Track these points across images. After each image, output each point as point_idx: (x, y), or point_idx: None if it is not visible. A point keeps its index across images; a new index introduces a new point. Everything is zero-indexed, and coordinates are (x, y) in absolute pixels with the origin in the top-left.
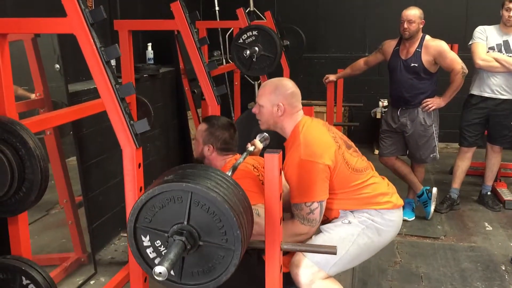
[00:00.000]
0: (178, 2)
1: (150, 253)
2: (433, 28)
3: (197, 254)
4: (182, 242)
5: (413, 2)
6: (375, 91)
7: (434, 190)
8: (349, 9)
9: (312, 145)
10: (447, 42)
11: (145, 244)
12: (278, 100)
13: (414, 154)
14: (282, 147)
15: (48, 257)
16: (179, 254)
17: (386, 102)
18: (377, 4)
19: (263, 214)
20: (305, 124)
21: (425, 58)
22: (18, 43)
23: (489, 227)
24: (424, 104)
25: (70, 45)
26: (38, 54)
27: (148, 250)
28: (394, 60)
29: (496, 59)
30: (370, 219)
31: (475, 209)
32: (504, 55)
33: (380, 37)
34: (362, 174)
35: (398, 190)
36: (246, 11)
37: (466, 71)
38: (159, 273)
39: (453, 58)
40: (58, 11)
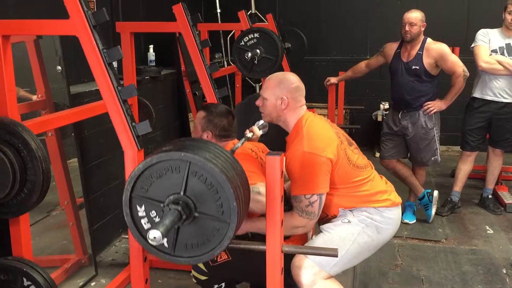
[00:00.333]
0: (180, 4)
1: (145, 223)
2: (434, 31)
3: (192, 226)
4: (178, 211)
5: (414, 5)
6: (376, 94)
7: (435, 193)
8: (350, 11)
9: (315, 138)
10: (449, 45)
11: (140, 214)
12: (282, 93)
13: (415, 157)
14: (281, 138)
15: (49, 258)
16: (174, 222)
17: (387, 105)
18: (378, 7)
19: (264, 192)
20: (308, 118)
21: (426, 60)
22: (20, 45)
23: (490, 230)
24: (425, 107)
25: (72, 46)
26: (40, 56)
27: (142, 221)
28: (395, 62)
29: (499, 62)
30: (370, 218)
31: (476, 212)
32: (507, 58)
33: (381, 39)
34: (362, 171)
35: (399, 193)
36: (248, 14)
37: (467, 74)
38: (153, 237)
39: (454, 61)
40: (61, 13)
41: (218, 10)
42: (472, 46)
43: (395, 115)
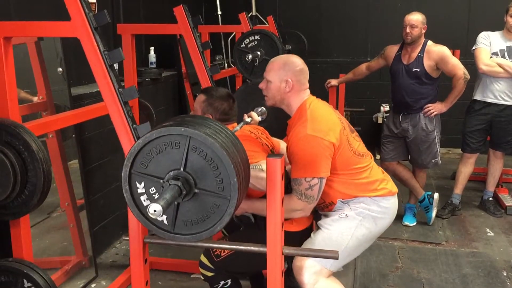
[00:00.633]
0: (181, 6)
1: (144, 200)
2: (435, 33)
3: (191, 202)
4: (178, 187)
5: (415, 8)
6: (377, 96)
7: (436, 195)
8: (351, 14)
9: (319, 121)
10: (449, 47)
11: (139, 191)
12: (287, 76)
13: (416, 159)
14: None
15: (49, 260)
16: (174, 197)
17: (387, 107)
18: (379, 9)
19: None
20: (312, 102)
21: (427, 63)
22: (21, 46)
23: (490, 233)
24: (425, 109)
25: (73, 48)
26: (41, 57)
27: (142, 198)
28: (396, 65)
29: (499, 65)
30: (366, 209)
31: (477, 214)
32: (507, 61)
33: (382, 42)
34: (362, 158)
35: (400, 195)
36: (249, 16)
37: (468, 77)
38: (154, 211)
39: (455, 63)
40: (62, 15)
41: (219, 12)
42: (473, 48)
43: (396, 118)
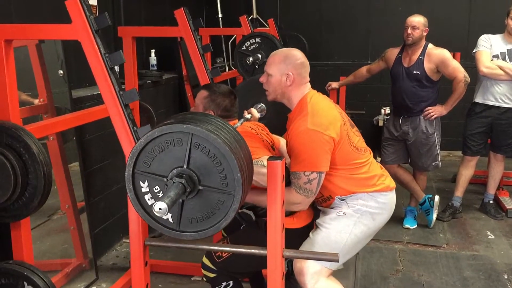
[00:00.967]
0: (182, 9)
1: (148, 199)
2: (436, 36)
3: (196, 199)
4: (182, 184)
5: (416, 11)
6: (377, 99)
7: (436, 198)
8: (352, 17)
9: (319, 116)
10: (450, 50)
11: (143, 190)
12: (288, 69)
13: (416, 162)
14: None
15: (49, 262)
16: (179, 195)
17: (388, 110)
18: (380, 12)
19: None
20: (313, 96)
21: (427, 66)
22: (22, 49)
23: (491, 236)
24: (426, 112)
25: (73, 51)
26: (42, 60)
27: (146, 197)
28: (396, 67)
29: (500, 67)
30: (364, 206)
31: (477, 217)
32: (508, 63)
33: (382, 45)
34: (362, 153)
35: (400, 198)
36: (249, 19)
37: (468, 80)
38: (159, 209)
39: (455, 66)
40: (63, 17)
41: (220, 15)
42: (473, 51)
43: (396, 120)
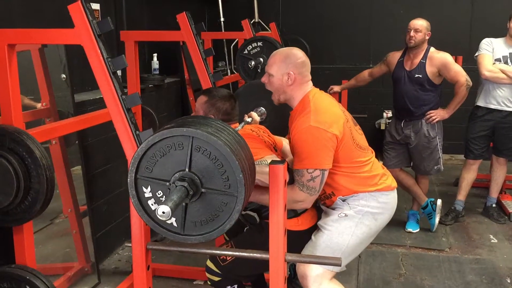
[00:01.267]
0: (184, 13)
1: (152, 204)
2: (438, 40)
3: (199, 203)
4: (184, 187)
5: (418, 15)
6: (379, 102)
7: (439, 202)
8: (353, 20)
9: (322, 113)
10: (452, 54)
11: (146, 195)
12: (288, 68)
13: (418, 166)
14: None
15: (52, 266)
16: (182, 198)
17: (390, 113)
18: (382, 16)
19: None
20: (315, 94)
21: (429, 69)
22: (25, 53)
23: (494, 240)
24: (427, 116)
25: (76, 55)
26: (45, 64)
27: (149, 202)
28: (398, 71)
29: (502, 71)
30: (366, 206)
31: (480, 221)
32: (510, 67)
33: (384, 48)
34: (364, 152)
35: (403, 201)
36: (251, 22)
37: (470, 84)
38: (162, 212)
39: (457, 70)
40: (66, 22)
41: (222, 19)
42: (476, 55)
43: (398, 124)
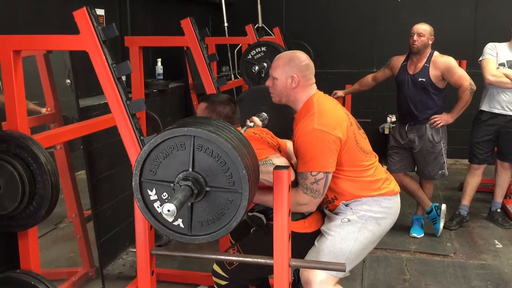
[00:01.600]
0: (188, 19)
1: (158, 207)
2: (441, 44)
3: (204, 202)
4: (188, 186)
5: (421, 19)
6: (383, 107)
7: (443, 206)
8: (357, 25)
9: (326, 116)
10: (456, 58)
11: (151, 198)
12: (292, 72)
13: (423, 171)
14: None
15: (56, 271)
16: (187, 197)
17: (394, 118)
18: (385, 21)
19: (278, 162)
20: (319, 97)
21: (433, 73)
22: (30, 58)
23: (499, 245)
24: (432, 120)
25: (81, 60)
26: (49, 70)
27: (155, 204)
28: (402, 75)
29: (506, 75)
30: (369, 211)
31: (485, 226)
32: None
33: (388, 53)
34: (367, 156)
35: (407, 206)
36: (255, 28)
37: (474, 88)
38: (168, 210)
39: (461, 74)
40: (70, 28)
41: (226, 24)
42: (479, 59)
43: (402, 128)
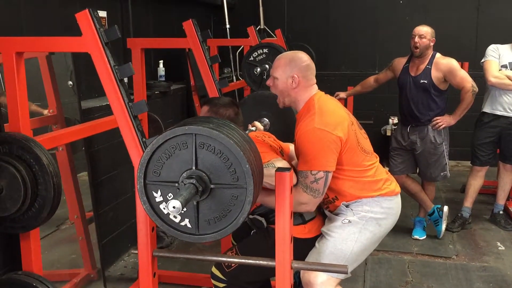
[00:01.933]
0: (190, 20)
1: (164, 208)
2: (443, 46)
3: (210, 200)
4: (193, 184)
5: (423, 21)
6: (385, 109)
7: (445, 208)
8: (359, 27)
9: (327, 115)
10: (458, 60)
11: (157, 200)
12: (293, 72)
13: (425, 172)
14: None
15: (58, 272)
16: (192, 194)
17: (396, 120)
18: (387, 22)
19: (281, 165)
20: (320, 97)
21: (434, 74)
22: (32, 60)
23: (501, 247)
24: (434, 122)
25: (83, 62)
26: (52, 71)
27: (161, 206)
28: (403, 77)
29: (508, 77)
30: (369, 212)
31: (487, 228)
32: None
33: (390, 55)
34: (369, 156)
35: (409, 208)
36: (257, 29)
37: (476, 90)
38: (173, 207)
39: (463, 76)
40: (72, 29)
41: (228, 26)
42: (482, 61)
43: (404, 130)
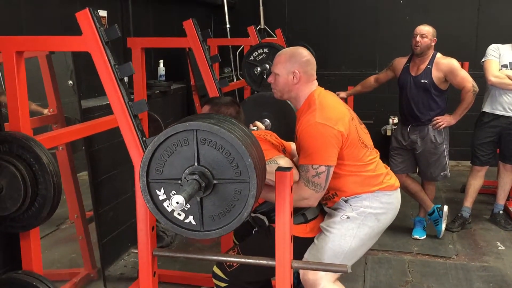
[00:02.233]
0: (191, 20)
1: (167, 206)
2: (444, 46)
3: (213, 196)
4: (196, 180)
5: (423, 21)
6: (386, 108)
7: (445, 208)
8: (359, 27)
9: (328, 110)
10: (458, 60)
11: (161, 198)
12: (294, 67)
13: (425, 172)
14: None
15: (58, 272)
16: (195, 190)
17: (396, 119)
18: (387, 22)
19: (283, 162)
20: (321, 92)
21: (435, 74)
22: (32, 59)
23: (501, 247)
24: (434, 122)
25: (83, 61)
26: (52, 71)
27: (165, 204)
28: (404, 76)
29: (509, 77)
30: (368, 207)
31: (487, 228)
32: None
33: (390, 55)
34: (369, 151)
35: (409, 208)
36: (257, 29)
37: (476, 89)
38: (177, 202)
39: (463, 76)
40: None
41: (228, 26)
42: (482, 60)
43: (404, 130)
